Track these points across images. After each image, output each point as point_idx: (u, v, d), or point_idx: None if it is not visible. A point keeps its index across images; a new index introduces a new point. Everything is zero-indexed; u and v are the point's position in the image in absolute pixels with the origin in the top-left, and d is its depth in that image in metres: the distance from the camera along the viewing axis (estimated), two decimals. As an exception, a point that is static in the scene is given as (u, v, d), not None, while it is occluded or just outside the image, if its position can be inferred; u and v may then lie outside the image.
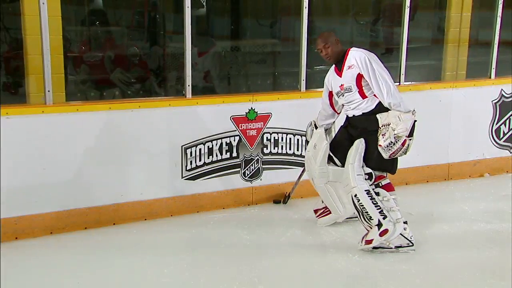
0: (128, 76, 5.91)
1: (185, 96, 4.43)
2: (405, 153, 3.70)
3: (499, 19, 5.28)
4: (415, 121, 3.70)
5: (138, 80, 6.08)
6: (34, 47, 4.09)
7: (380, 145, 3.70)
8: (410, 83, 5.13)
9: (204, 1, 6.76)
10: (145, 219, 4.35)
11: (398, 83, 4.93)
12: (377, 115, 3.77)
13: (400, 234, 3.77)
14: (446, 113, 5.21)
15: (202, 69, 6.17)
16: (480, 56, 5.89)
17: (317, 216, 4.29)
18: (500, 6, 5.27)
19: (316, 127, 4.25)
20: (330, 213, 4.21)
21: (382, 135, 3.70)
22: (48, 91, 3.98)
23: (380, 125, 3.74)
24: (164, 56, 6.47)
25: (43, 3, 3.89)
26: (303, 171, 4.53)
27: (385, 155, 3.71)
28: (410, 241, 3.82)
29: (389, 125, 3.69)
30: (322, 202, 4.27)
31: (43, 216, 4.01)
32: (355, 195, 3.77)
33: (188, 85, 4.40)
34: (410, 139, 3.66)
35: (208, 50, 6.48)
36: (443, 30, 6.15)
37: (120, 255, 3.81)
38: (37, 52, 4.02)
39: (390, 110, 3.76)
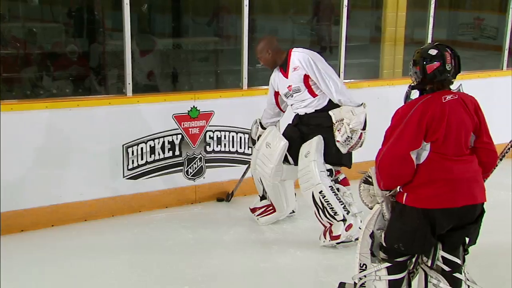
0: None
1: (126, 95, 4.36)
2: (361, 146, 3.77)
3: (431, 19, 5.46)
4: (366, 114, 3.76)
5: (77, 78, 5.95)
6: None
7: (338, 141, 3.75)
8: (349, 81, 5.23)
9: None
10: (85, 220, 4.26)
11: (338, 81, 5.01)
12: (330, 112, 3.82)
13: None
14: (384, 110, 5.32)
15: (144, 68, 6.09)
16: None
17: (257, 215, 4.30)
18: (432, 6, 5.46)
19: (262, 125, 4.28)
20: (272, 212, 4.24)
21: (338, 130, 3.75)
22: (-19, 90, 3.84)
23: (334, 121, 3.79)
24: (104, 53, 6.35)
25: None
26: (247, 169, 4.55)
27: (344, 150, 3.77)
28: None
29: (342, 120, 3.75)
30: (261, 200, 4.30)
31: (-23, 219, 3.87)
32: (320, 192, 3.80)
33: (129, 83, 4.33)
34: (364, 132, 3.74)
35: (150, 50, 6.41)
36: (380, 29, 6.33)
37: (59, 257, 3.71)
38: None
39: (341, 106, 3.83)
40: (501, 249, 3.84)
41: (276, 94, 4.13)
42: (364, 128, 3.74)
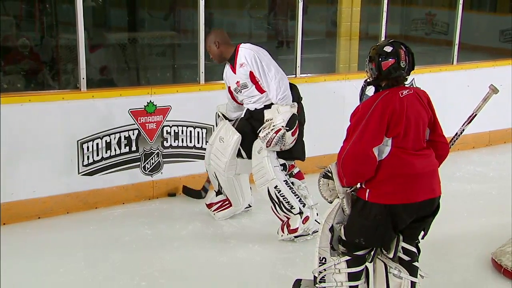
0: None
1: (80, 89, 4.28)
2: (284, 144, 3.73)
3: (385, 14, 5.56)
4: (294, 114, 3.74)
5: (29, 73, 5.80)
6: None
7: (259, 136, 3.78)
8: (305, 75, 5.28)
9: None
10: (39, 218, 4.17)
11: (294, 76, 5.06)
12: (264, 111, 3.82)
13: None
14: (340, 104, 5.42)
15: (95, 63, 6.00)
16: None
17: (213, 211, 4.30)
18: (386, 1, 5.56)
19: (225, 117, 4.26)
20: (228, 206, 4.24)
21: (264, 128, 3.77)
22: None
23: (265, 120, 3.79)
24: (57, 47, 6.22)
25: None
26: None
27: (264, 145, 3.76)
28: None
29: (271, 119, 3.76)
30: (217, 196, 4.30)
31: None
32: (275, 186, 3.82)
33: (83, 78, 4.25)
34: (286, 129, 3.70)
35: (100, 45, 6.31)
36: (336, 23, 6.40)
37: (12, 256, 3.62)
38: None
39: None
40: (452, 238, 3.98)
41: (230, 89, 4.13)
42: (288, 126, 3.71)
